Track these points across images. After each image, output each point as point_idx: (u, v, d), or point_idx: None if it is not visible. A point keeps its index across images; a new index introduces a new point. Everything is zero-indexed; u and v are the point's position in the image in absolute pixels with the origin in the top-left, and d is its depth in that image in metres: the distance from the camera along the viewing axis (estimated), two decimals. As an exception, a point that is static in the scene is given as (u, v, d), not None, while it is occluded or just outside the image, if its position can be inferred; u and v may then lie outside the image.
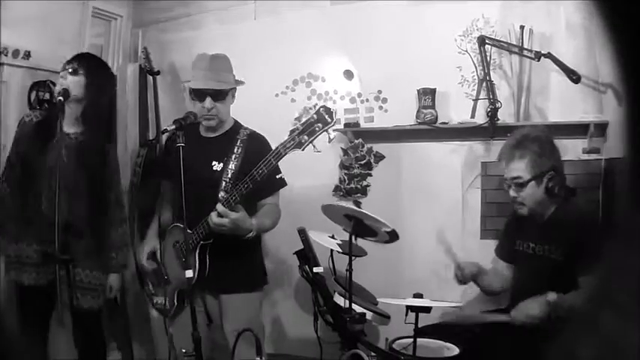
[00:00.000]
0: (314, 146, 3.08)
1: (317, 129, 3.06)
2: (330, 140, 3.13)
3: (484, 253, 3.91)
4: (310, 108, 4.76)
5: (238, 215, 3.30)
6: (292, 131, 3.08)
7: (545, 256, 3.34)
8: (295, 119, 4.68)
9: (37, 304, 4.01)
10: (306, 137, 3.04)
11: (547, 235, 3.29)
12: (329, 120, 3.06)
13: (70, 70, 3.81)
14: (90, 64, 3.94)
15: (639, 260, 0.68)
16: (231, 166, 3.60)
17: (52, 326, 4.20)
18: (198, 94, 3.64)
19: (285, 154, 3.13)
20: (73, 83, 3.80)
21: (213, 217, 3.28)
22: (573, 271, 3.11)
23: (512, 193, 3.37)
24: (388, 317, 3.77)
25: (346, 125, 4.64)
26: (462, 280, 3.64)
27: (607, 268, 0.75)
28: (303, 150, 3.07)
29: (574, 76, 3.66)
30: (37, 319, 4.07)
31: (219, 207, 3.27)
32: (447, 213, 4.22)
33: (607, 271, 0.75)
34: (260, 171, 3.20)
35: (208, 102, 3.60)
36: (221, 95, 3.65)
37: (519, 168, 3.29)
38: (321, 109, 3.08)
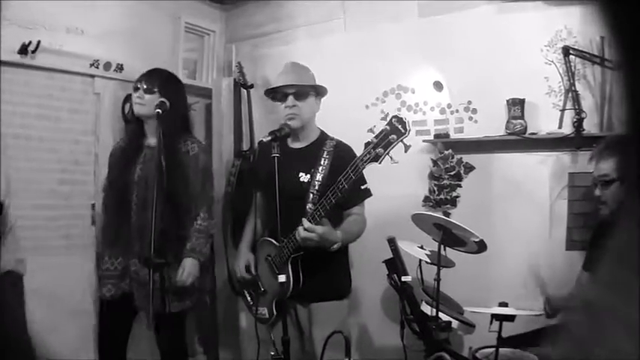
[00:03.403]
0: (391, 158, 3.18)
1: (392, 140, 3.15)
2: (406, 150, 3.20)
3: (569, 265, 3.93)
4: (383, 118, 4.78)
5: (324, 229, 3.46)
6: (367, 144, 3.23)
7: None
8: (368, 130, 4.71)
9: (119, 316, 4.34)
10: (381, 150, 3.16)
11: None
12: (402, 130, 3.15)
13: (145, 88, 4.18)
14: (163, 82, 4.30)
15: None
16: (318, 177, 3.76)
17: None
18: (281, 95, 3.88)
19: (364, 167, 3.28)
20: (150, 101, 4.14)
21: (301, 232, 3.44)
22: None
23: (597, 192, 3.48)
24: (473, 326, 3.87)
25: (436, 136, 4.79)
26: (550, 313, 3.68)
27: None
28: (380, 163, 3.20)
29: (652, 86, 3.66)
30: (121, 331, 4.40)
31: (306, 222, 3.44)
32: (535, 224, 4.25)
33: None
34: (341, 186, 3.36)
35: (290, 100, 3.82)
36: (302, 95, 3.86)
37: (607, 167, 3.41)
38: (394, 119, 3.18)
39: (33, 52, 4.49)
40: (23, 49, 4.43)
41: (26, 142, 4.63)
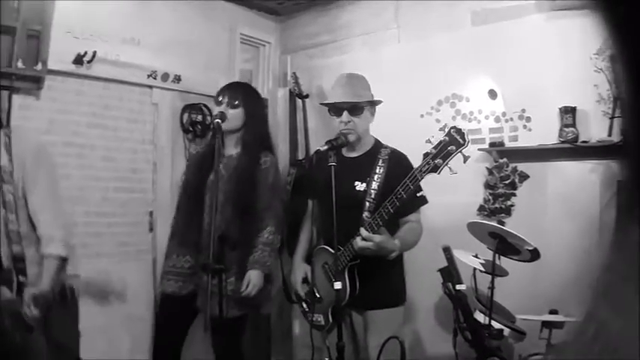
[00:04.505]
0: (450, 169, 3.24)
1: (451, 151, 3.21)
2: (465, 161, 3.26)
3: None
4: (441, 129, 4.82)
5: (382, 238, 3.52)
6: (426, 155, 3.29)
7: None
8: (426, 141, 4.75)
9: (180, 313, 4.47)
10: (440, 160, 3.21)
11: None
12: (461, 141, 3.20)
13: (231, 105, 4.35)
14: (246, 97, 4.49)
15: None
16: (374, 186, 3.84)
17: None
18: (336, 110, 3.96)
19: (422, 178, 3.34)
20: (234, 116, 4.33)
21: (358, 241, 3.52)
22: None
23: None
24: (524, 334, 3.88)
25: (491, 145, 4.87)
26: None
27: None
28: (439, 173, 3.25)
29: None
30: (179, 327, 4.53)
31: (363, 232, 3.51)
32: (585, 232, 4.25)
33: None
34: (399, 195, 3.43)
35: (345, 116, 3.90)
36: (357, 110, 3.93)
37: None
38: (452, 130, 3.24)
39: (89, 62, 4.66)
40: (78, 59, 4.60)
41: (79, 150, 4.82)
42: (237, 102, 4.35)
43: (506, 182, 4.72)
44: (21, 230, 3.45)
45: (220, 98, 4.39)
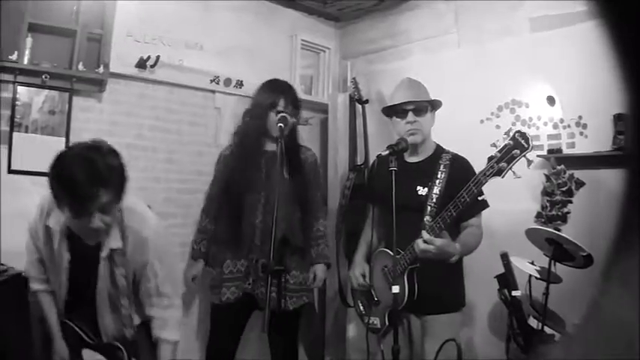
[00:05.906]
0: (514, 173, 3.29)
1: (515, 155, 3.25)
2: (529, 165, 3.32)
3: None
4: (506, 134, 4.85)
5: (443, 242, 3.59)
6: (490, 158, 3.34)
7: None
8: (491, 145, 4.79)
9: (236, 320, 4.72)
10: (504, 164, 3.26)
11: None
12: (526, 145, 3.24)
13: (290, 112, 4.58)
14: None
15: None
16: (436, 190, 3.91)
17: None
18: (400, 112, 4.09)
19: (486, 181, 3.40)
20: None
21: (420, 244, 3.58)
22: None
23: None
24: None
25: (549, 151, 4.94)
26: None
27: None
28: (503, 177, 3.29)
29: None
30: (236, 334, 4.75)
31: (425, 235, 3.58)
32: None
33: None
34: (462, 199, 3.50)
35: (410, 115, 4.03)
36: (421, 110, 4.07)
37: None
38: (517, 134, 3.28)
39: (152, 66, 4.98)
40: (141, 63, 4.84)
41: (142, 153, 5.12)
42: (296, 111, 4.63)
43: (564, 189, 4.75)
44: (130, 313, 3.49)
45: (281, 107, 4.54)
